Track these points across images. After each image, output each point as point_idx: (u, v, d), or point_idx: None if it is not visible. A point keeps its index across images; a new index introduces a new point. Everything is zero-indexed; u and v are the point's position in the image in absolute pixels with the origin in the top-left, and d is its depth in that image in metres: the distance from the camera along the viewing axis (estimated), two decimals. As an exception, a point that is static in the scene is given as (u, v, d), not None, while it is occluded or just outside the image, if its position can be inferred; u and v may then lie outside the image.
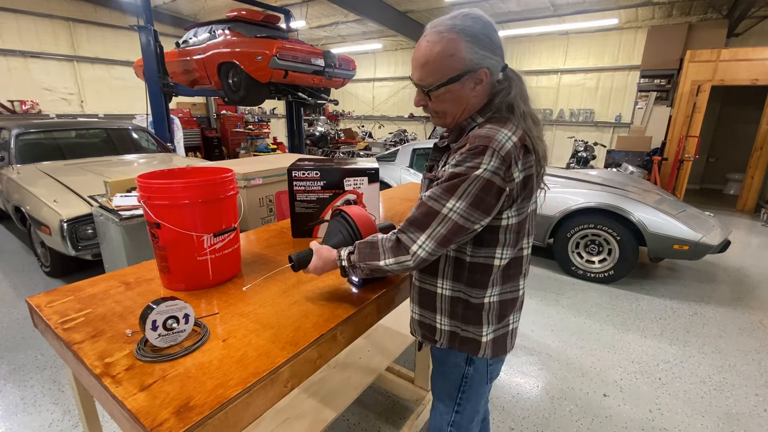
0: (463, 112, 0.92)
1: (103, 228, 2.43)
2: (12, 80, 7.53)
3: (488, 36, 0.86)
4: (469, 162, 0.83)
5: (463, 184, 0.83)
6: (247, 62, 5.03)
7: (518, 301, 1.02)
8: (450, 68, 0.86)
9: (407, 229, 0.89)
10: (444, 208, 0.84)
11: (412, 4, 8.00)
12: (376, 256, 0.93)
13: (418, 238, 0.87)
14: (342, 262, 0.99)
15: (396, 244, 0.90)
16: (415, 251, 0.87)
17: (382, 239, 0.94)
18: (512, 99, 0.89)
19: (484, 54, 0.85)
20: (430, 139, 9.80)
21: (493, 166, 0.81)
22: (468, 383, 1.06)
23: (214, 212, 1.12)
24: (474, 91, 0.89)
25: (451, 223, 0.84)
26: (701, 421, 1.93)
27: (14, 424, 1.87)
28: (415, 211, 0.89)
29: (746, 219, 5.61)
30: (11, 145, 3.88)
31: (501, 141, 0.83)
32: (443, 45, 0.85)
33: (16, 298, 3.04)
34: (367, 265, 0.94)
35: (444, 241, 0.86)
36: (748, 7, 5.99)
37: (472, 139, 0.85)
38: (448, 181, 0.85)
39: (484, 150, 0.82)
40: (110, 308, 1.01)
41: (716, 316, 2.90)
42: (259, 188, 2.70)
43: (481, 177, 0.82)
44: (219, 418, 0.70)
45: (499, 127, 0.85)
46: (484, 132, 0.85)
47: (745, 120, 7.24)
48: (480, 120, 0.91)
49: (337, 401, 1.60)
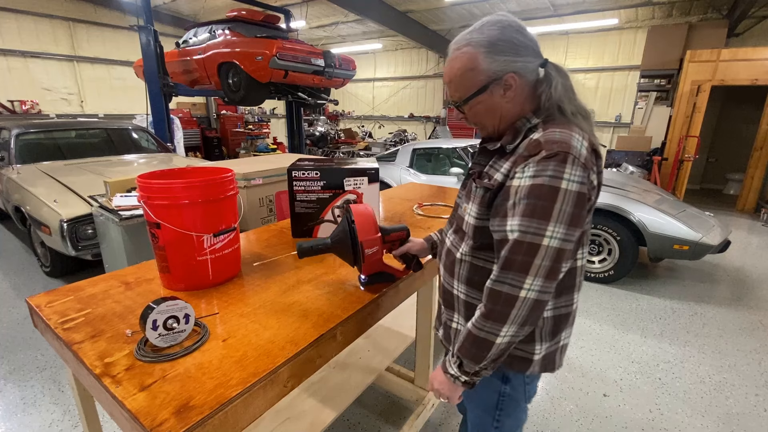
0: (501, 119, 0.89)
1: (103, 228, 2.43)
2: (12, 80, 7.53)
3: (509, 40, 0.83)
4: (551, 172, 0.75)
5: (555, 204, 0.74)
6: (247, 62, 5.03)
7: (571, 316, 0.95)
8: (473, 81, 0.85)
9: (503, 278, 0.77)
10: (543, 238, 0.74)
11: (412, 4, 7.99)
12: (485, 341, 0.79)
13: (524, 282, 0.75)
14: (461, 379, 0.86)
15: (497, 305, 0.77)
16: (524, 297, 0.75)
17: (475, 319, 0.82)
18: (558, 99, 0.85)
19: (505, 59, 0.83)
20: (430, 139, 9.81)
21: (577, 175, 0.75)
22: (505, 402, 0.99)
23: (214, 212, 1.12)
24: (505, 98, 0.86)
25: (553, 251, 0.75)
26: (701, 421, 1.92)
27: (14, 424, 1.87)
28: (507, 253, 0.77)
29: (746, 219, 5.61)
30: (11, 145, 3.88)
31: (578, 147, 0.77)
32: (462, 61, 0.85)
33: (16, 298, 3.04)
34: (487, 357, 0.81)
35: (553, 274, 0.76)
36: (748, 7, 5.99)
37: (546, 145, 0.77)
38: (530, 199, 0.76)
39: (565, 158, 0.75)
40: (110, 308, 1.01)
41: (716, 316, 2.90)
42: (259, 188, 2.70)
43: (570, 191, 0.75)
44: (219, 418, 0.70)
45: (569, 130, 0.80)
46: (558, 137, 0.78)
47: (745, 120, 7.23)
48: (535, 120, 0.86)
49: (337, 401, 1.60)
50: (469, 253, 0.92)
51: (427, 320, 1.78)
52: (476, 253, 0.92)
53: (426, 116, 11.64)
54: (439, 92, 11.30)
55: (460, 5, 7.82)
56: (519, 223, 0.76)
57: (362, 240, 1.06)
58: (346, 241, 1.09)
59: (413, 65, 11.61)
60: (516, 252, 0.76)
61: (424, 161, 4.85)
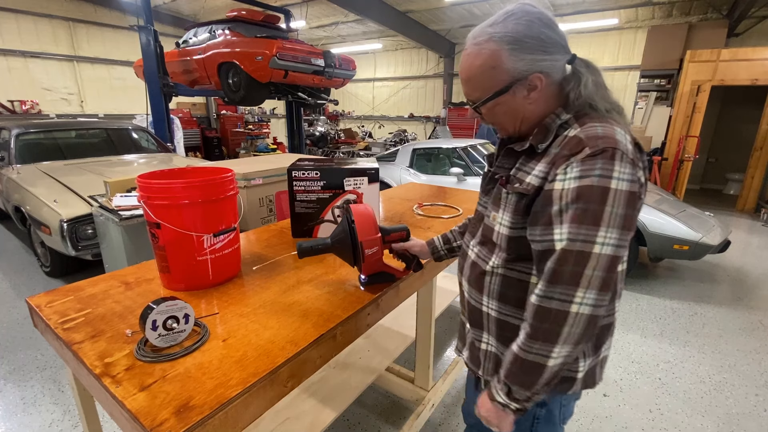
0: (522, 121, 0.81)
1: (103, 228, 2.44)
2: (12, 80, 7.54)
3: (536, 36, 0.74)
4: (598, 171, 0.67)
5: (605, 207, 0.67)
6: (247, 62, 5.04)
7: (613, 326, 0.87)
8: (494, 81, 0.77)
9: (551, 293, 0.69)
10: (595, 246, 0.67)
11: (412, 4, 7.99)
12: (535, 365, 0.71)
13: (575, 295, 0.67)
14: (511, 407, 0.76)
15: (545, 323, 0.69)
16: (576, 312, 0.67)
17: (521, 341, 0.73)
18: (589, 97, 0.77)
19: (532, 58, 0.75)
20: (430, 139, 9.81)
21: (627, 173, 0.68)
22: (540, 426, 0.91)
23: (214, 212, 1.12)
24: (529, 99, 0.78)
25: (606, 260, 0.67)
26: (701, 421, 1.93)
27: (14, 424, 1.87)
28: (554, 265, 0.69)
29: (746, 219, 5.61)
30: (11, 145, 3.88)
31: (623, 142, 0.70)
32: (483, 58, 0.76)
33: (16, 298, 3.04)
34: (539, 382, 0.72)
35: (607, 284, 0.68)
36: (748, 7, 5.99)
37: (590, 142, 0.70)
38: (578, 203, 0.68)
39: (612, 154, 0.68)
40: (110, 308, 1.01)
41: (716, 316, 2.90)
42: (259, 188, 2.70)
43: (621, 191, 0.67)
44: (219, 418, 0.70)
45: (610, 124, 0.73)
46: (600, 132, 0.71)
47: (745, 120, 7.23)
48: (566, 116, 0.78)
49: (337, 401, 1.60)
50: (502, 265, 0.84)
51: (427, 320, 1.78)
52: (510, 265, 0.83)
53: (426, 116, 11.65)
54: (439, 92, 11.31)
55: (460, 5, 7.82)
56: (567, 231, 0.68)
57: (362, 240, 1.06)
58: (346, 241, 1.09)
59: (413, 65, 11.62)
60: (564, 263, 0.68)
61: (424, 161, 4.86)
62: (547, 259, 0.71)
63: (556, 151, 0.75)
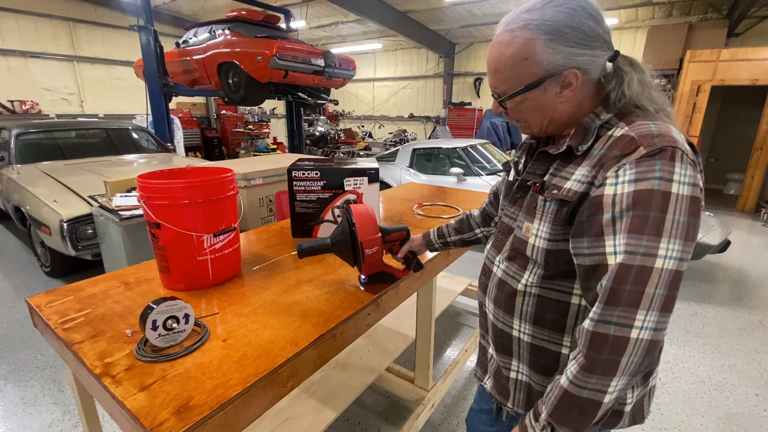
0: (551, 121, 0.74)
1: (103, 228, 2.44)
2: (12, 80, 7.53)
3: (578, 27, 0.66)
4: (658, 173, 0.60)
5: (667, 214, 0.58)
6: (247, 62, 5.04)
7: (662, 350, 0.72)
8: (525, 74, 0.69)
9: (608, 316, 0.59)
10: (657, 259, 0.58)
11: (412, 4, 7.99)
12: (591, 402, 0.61)
13: (635, 318, 0.58)
14: None
15: (602, 353, 0.59)
16: (637, 338, 0.58)
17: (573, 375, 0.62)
18: (635, 98, 0.69)
19: (571, 52, 0.66)
20: (430, 139, 9.81)
21: (689, 176, 0.60)
22: None
23: (214, 212, 1.12)
24: (561, 97, 0.70)
25: (669, 275, 0.58)
26: (701, 421, 1.93)
27: (14, 424, 1.87)
28: (610, 283, 0.59)
29: (746, 219, 5.61)
30: (11, 145, 3.88)
31: (681, 141, 0.62)
32: (515, 47, 0.68)
33: (16, 298, 3.04)
34: (591, 422, 0.62)
35: (669, 304, 0.59)
36: (748, 7, 5.99)
37: (644, 140, 0.62)
38: (636, 210, 0.60)
39: (672, 154, 0.60)
40: (110, 308, 1.01)
41: (716, 316, 2.90)
42: (259, 188, 2.70)
43: (683, 196, 0.59)
44: (219, 418, 0.70)
45: (663, 122, 0.66)
46: (655, 129, 0.63)
47: (745, 120, 7.24)
48: (606, 116, 0.70)
49: (337, 401, 1.60)
50: (538, 283, 0.74)
51: (427, 320, 1.78)
52: (548, 283, 0.74)
53: (426, 116, 11.65)
54: (439, 92, 11.31)
55: (460, 5, 7.82)
56: (625, 243, 0.60)
57: (362, 240, 1.06)
58: (346, 241, 1.09)
59: (413, 65, 11.62)
60: (623, 280, 0.59)
61: (424, 161, 4.86)
62: (599, 275, 0.62)
63: (602, 152, 0.66)
